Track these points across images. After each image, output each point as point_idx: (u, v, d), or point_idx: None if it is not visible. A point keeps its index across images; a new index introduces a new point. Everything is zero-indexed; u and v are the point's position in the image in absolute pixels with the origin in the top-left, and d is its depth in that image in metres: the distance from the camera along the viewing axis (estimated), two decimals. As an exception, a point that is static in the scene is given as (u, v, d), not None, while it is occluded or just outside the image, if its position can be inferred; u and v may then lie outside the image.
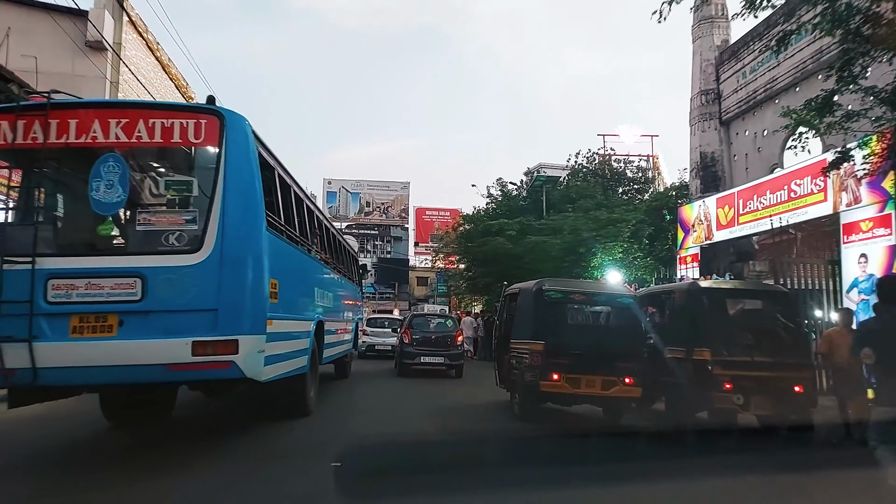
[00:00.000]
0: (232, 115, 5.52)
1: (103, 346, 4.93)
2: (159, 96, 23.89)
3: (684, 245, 18.86)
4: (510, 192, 28.68)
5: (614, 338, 8.61)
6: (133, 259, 5.22)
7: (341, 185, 68.73)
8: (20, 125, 5.23)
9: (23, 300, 4.83)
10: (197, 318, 5.06)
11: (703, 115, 18.95)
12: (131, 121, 5.31)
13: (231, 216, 5.22)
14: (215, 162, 5.31)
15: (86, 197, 5.20)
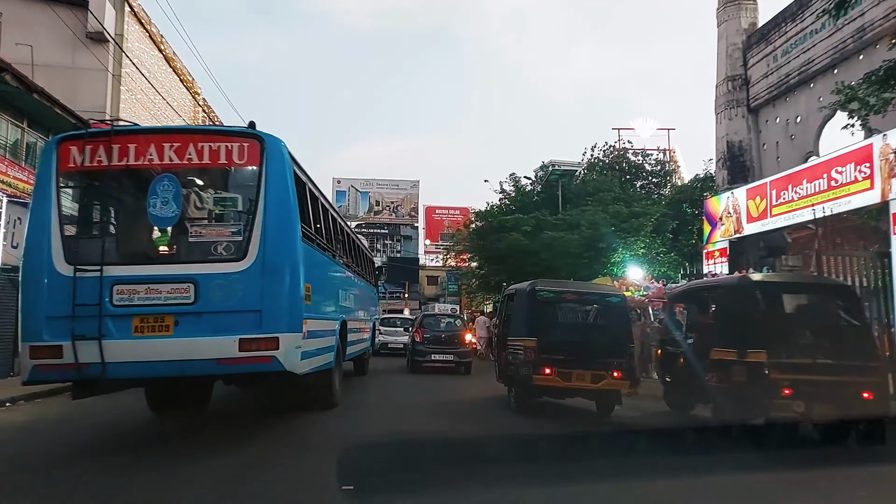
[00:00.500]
0: (271, 139, 6.19)
1: (161, 343, 5.64)
2: (164, 91, 23.16)
3: (711, 239, 17.84)
4: (524, 188, 27.72)
5: (603, 335, 9.01)
6: (186, 267, 5.89)
7: (351, 184, 67.96)
8: (87, 149, 5.96)
9: (93, 304, 5.57)
10: (243, 318, 5.77)
11: (730, 103, 17.92)
12: (183, 145, 6.06)
13: (271, 228, 5.92)
14: (256, 180, 6.02)
15: (144, 212, 5.94)
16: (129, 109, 20.87)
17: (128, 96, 20.74)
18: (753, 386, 7.21)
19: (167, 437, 6.78)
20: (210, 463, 5.42)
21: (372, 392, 11.33)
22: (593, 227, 19.88)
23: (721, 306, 8.40)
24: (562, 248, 19.70)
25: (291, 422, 7.78)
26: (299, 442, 6.64)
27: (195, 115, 27.43)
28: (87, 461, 5.55)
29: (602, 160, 26.92)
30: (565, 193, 24.50)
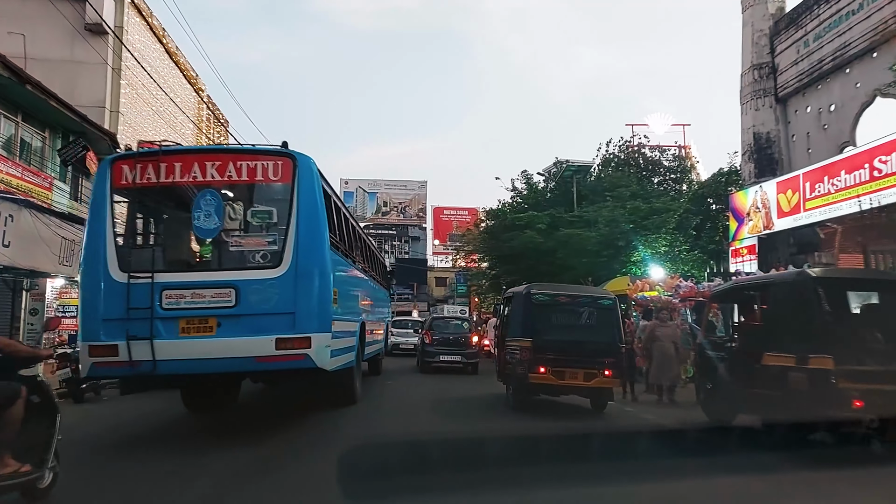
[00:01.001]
0: (302, 157, 6.80)
1: (205, 342, 6.22)
2: (166, 86, 22.43)
3: (738, 235, 16.87)
4: (536, 185, 26.80)
5: (595, 335, 9.37)
6: (228, 273, 6.50)
7: (358, 185, 67.18)
8: (138, 168, 6.60)
9: (144, 307, 6.17)
10: (278, 319, 6.33)
11: (756, 93, 16.96)
12: (223, 163, 6.69)
13: (303, 238, 6.51)
14: (289, 195, 6.61)
15: (189, 224, 6.61)
16: (129, 104, 20.14)
17: (128, 90, 20.00)
18: (817, 396, 6.31)
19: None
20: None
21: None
22: (611, 224, 18.96)
23: (774, 305, 7.48)
24: (579, 246, 18.80)
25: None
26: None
27: (199, 112, 26.71)
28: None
29: (618, 156, 25.95)
30: (580, 191, 23.57)
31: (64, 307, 18.07)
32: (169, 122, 23.44)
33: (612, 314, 9.64)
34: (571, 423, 8.89)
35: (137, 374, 6.40)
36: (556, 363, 8.90)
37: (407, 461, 5.42)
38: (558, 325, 9.47)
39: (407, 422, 8.41)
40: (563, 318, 9.60)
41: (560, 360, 8.94)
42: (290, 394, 10.11)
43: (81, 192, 18.38)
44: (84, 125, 16.76)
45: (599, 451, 6.59)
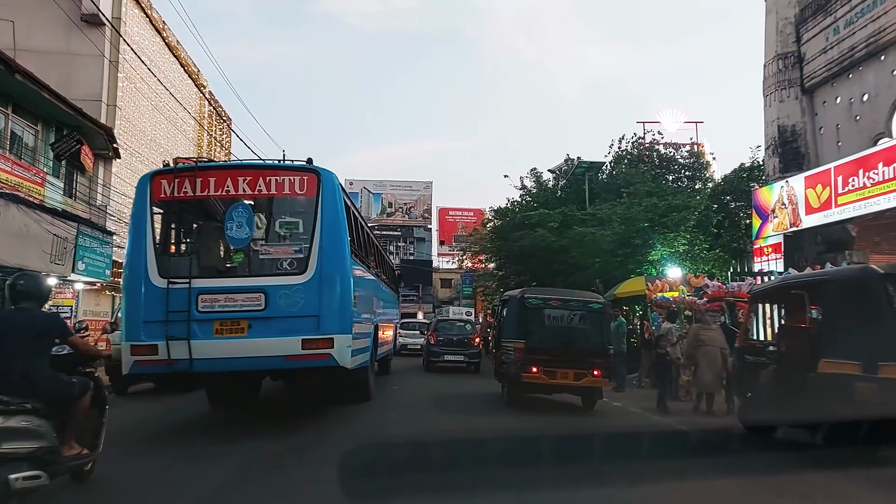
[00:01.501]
0: (325, 173, 7.32)
1: (237, 343, 6.73)
2: (166, 81, 21.68)
3: (761, 234, 16.01)
4: (546, 183, 25.97)
5: (585, 337, 9.80)
6: (258, 279, 6.98)
7: (363, 185, 66.38)
8: (176, 182, 7.09)
9: (182, 310, 6.66)
10: (304, 322, 6.80)
11: (781, 83, 16.10)
12: (254, 178, 7.21)
13: (326, 247, 7.00)
14: (314, 207, 7.12)
15: (223, 234, 7.21)
16: (127, 98, 19.42)
17: (126, 84, 19.28)
18: (890, 409, 5.48)
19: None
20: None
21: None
22: (627, 222, 18.11)
23: (831, 306, 6.65)
24: (592, 244, 17.97)
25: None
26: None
27: (201, 109, 26.03)
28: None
29: (631, 152, 25.10)
30: (592, 188, 22.74)
31: (58, 308, 17.37)
32: (169, 117, 22.74)
33: (601, 317, 10.20)
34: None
35: (175, 372, 6.93)
36: (547, 363, 9.41)
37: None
38: (550, 328, 9.89)
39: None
40: (555, 320, 10.01)
41: (551, 360, 9.44)
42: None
43: (76, 189, 17.67)
44: (79, 119, 16.02)
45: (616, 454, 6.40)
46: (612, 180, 22.91)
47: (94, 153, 17.58)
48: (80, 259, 16.08)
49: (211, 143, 27.37)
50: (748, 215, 17.14)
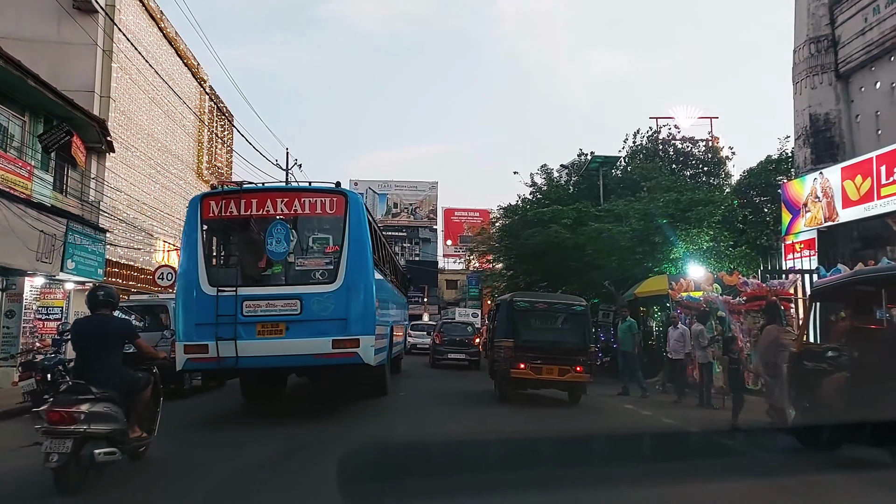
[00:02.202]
0: (352, 195, 8.81)
1: (276, 342, 7.90)
2: (164, 73, 20.80)
3: (792, 229, 14.94)
4: (557, 180, 24.93)
5: (568, 337, 10.77)
6: (294, 288, 8.18)
7: (368, 186, 65.48)
8: (222, 203, 8.51)
9: (229, 314, 7.84)
10: (334, 324, 7.98)
11: (813, 69, 15.04)
12: (290, 199, 8.61)
13: (352, 260, 8.21)
14: (342, 225, 8.37)
15: (264, 248, 8.38)
16: (122, 90, 18.48)
17: (121, 75, 18.33)
18: None
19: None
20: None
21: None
22: (646, 218, 17.06)
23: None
24: (610, 241, 16.93)
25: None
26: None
27: (201, 104, 25.09)
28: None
29: (646, 146, 24.02)
30: (606, 184, 21.69)
31: (47, 309, 16.42)
32: (167, 112, 21.80)
33: (584, 318, 11.19)
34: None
35: (222, 368, 8.04)
36: (534, 360, 10.33)
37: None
38: (537, 328, 10.93)
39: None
40: (541, 321, 11.07)
41: (538, 357, 10.36)
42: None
43: (67, 184, 16.75)
44: (69, 109, 15.05)
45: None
46: (628, 175, 21.87)
47: (87, 146, 16.64)
48: (70, 257, 15.12)
49: (212, 140, 26.42)
50: (775, 210, 16.07)
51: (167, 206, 21.52)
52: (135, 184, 19.17)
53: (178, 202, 22.74)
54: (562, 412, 10.19)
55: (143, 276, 19.13)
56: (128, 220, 18.38)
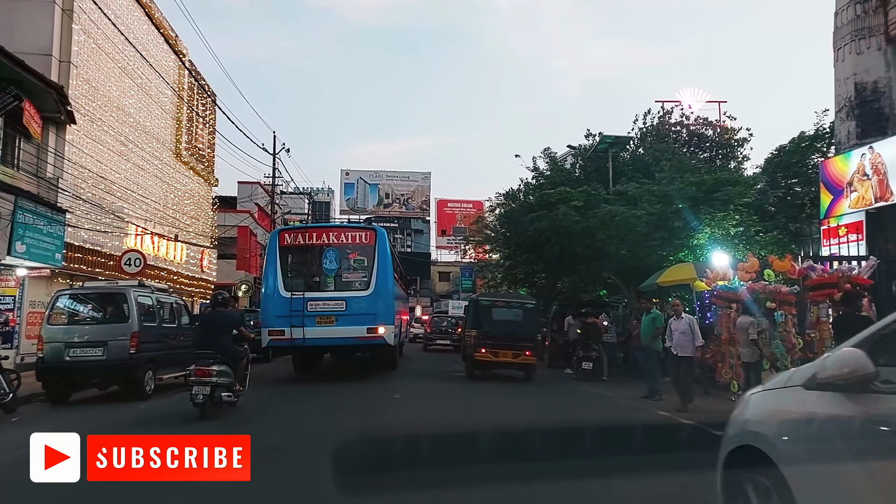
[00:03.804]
0: (379, 229, 13.04)
1: (329, 328, 11.82)
2: (137, 42, 18.65)
3: (833, 212, 13.18)
4: (562, 163, 23.05)
5: (521, 328, 13.38)
6: (341, 293, 12.21)
7: (359, 176, 63.38)
8: (293, 235, 13.08)
9: (298, 311, 11.77)
10: (367, 317, 11.94)
11: (859, 32, 13.23)
12: (338, 233, 13.08)
13: (379, 275, 12.27)
14: (372, 250, 12.45)
15: (321, 266, 12.55)
16: (86, 56, 16.33)
17: (84, 38, 16.16)
18: None
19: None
20: None
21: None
22: (665, 200, 15.23)
23: None
24: (625, 226, 15.09)
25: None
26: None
27: (180, 79, 22.95)
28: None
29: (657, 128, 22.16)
30: (615, 167, 19.85)
31: (0, 297, 14.45)
32: (141, 85, 19.68)
33: (534, 313, 14.12)
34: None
35: (293, 345, 12.23)
36: (492, 346, 12.91)
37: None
38: (496, 321, 13.34)
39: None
40: (499, 316, 13.46)
41: (496, 344, 12.92)
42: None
43: (18, 157, 14.66)
44: (19, 71, 12.99)
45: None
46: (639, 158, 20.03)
47: (43, 116, 14.46)
48: (20, 239, 13.08)
49: (192, 120, 24.30)
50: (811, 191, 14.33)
51: (140, 187, 19.45)
52: (102, 161, 17.08)
53: (154, 183, 20.66)
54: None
55: (112, 264, 17.11)
56: (93, 200, 16.32)
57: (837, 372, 2.54)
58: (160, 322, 11.53)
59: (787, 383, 3.13)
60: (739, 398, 3.88)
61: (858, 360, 2.47)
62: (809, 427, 2.78)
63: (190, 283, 23.90)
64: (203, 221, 25.65)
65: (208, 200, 26.57)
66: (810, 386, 2.79)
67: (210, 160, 26.49)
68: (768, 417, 3.11)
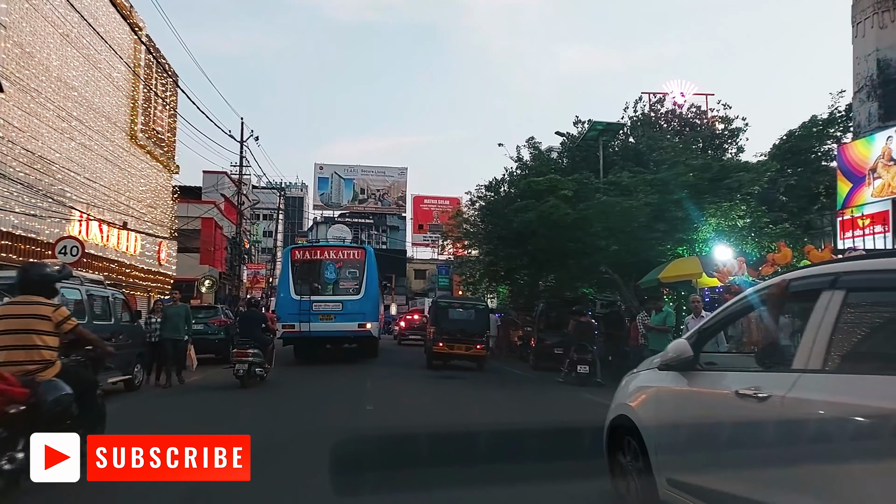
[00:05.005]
0: (368, 248, 17.60)
1: (329, 324, 14.77)
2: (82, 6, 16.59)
3: (853, 201, 11.86)
4: (548, 153, 21.53)
5: (473, 325, 15.26)
6: (339, 297, 15.20)
7: (334, 170, 61.15)
8: (301, 252, 16.47)
9: (306, 310, 14.65)
10: (358, 315, 14.98)
11: (882, 4, 11.91)
12: (336, 250, 17.00)
13: (369, 282, 15.52)
14: (363, 263, 15.70)
15: (323, 275, 15.53)
16: (18, 17, 14.25)
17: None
18: None
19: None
20: None
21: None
22: (665, 189, 13.79)
23: None
24: (624, 216, 13.62)
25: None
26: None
27: (136, 55, 20.85)
28: None
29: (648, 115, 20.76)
30: (606, 156, 18.40)
31: None
32: (88, 56, 17.61)
33: (484, 313, 16.22)
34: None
35: (301, 336, 14.83)
36: (448, 340, 14.80)
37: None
38: (452, 319, 15.32)
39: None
40: (456, 314, 15.52)
41: (451, 339, 14.82)
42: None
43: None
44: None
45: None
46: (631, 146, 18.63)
47: (-39, 81, 12.47)
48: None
49: (151, 100, 22.18)
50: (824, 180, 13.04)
51: (87, 169, 17.37)
52: (38, 138, 15.02)
53: (103, 166, 18.56)
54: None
55: (49, 254, 15.03)
56: (26, 180, 14.28)
57: (671, 356, 3.48)
58: (90, 319, 9.64)
59: (649, 366, 3.94)
60: None
61: (683, 347, 3.45)
62: (657, 398, 3.70)
63: (145, 277, 21.81)
64: (161, 211, 23.53)
65: (168, 188, 24.44)
66: (661, 367, 3.65)
67: (170, 145, 24.35)
68: (633, 392, 3.94)
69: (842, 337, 2.60)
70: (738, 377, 3.10)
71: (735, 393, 2.88)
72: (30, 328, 4.15)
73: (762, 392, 2.70)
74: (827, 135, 14.54)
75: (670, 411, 3.51)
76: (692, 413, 3.37)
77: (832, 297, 2.61)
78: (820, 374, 2.51)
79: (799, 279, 3.10)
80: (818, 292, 2.71)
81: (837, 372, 2.53)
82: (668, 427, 3.47)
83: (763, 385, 2.75)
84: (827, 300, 2.62)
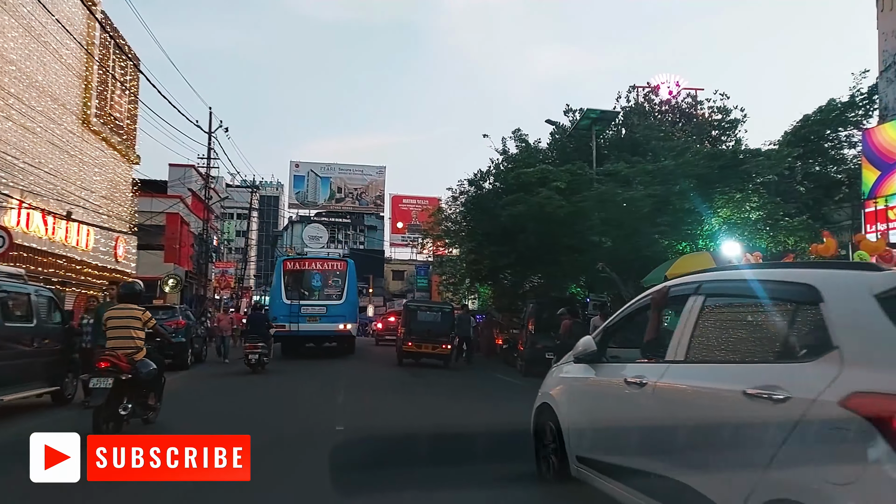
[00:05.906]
0: (350, 260, 19.69)
1: (315, 324, 17.36)
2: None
3: (882, 190, 10.65)
4: (536, 146, 20.16)
5: (440, 326, 16.35)
6: (323, 302, 17.97)
7: (310, 168, 59.20)
8: (292, 263, 19.18)
9: (296, 313, 17.19)
10: (341, 318, 17.74)
11: (911, -26, 10.89)
12: (322, 262, 19.87)
13: (349, 290, 18.34)
14: (345, 274, 18.54)
15: (310, 282, 18.26)
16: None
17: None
18: None
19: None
20: None
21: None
22: (668, 179, 12.50)
23: None
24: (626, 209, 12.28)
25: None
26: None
27: (89, 33, 18.98)
28: None
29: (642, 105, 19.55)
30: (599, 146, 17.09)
31: None
32: (30, 28, 15.76)
33: (450, 315, 17.34)
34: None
35: (291, 334, 16.86)
36: (417, 340, 15.91)
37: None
38: (420, 321, 16.53)
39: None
40: (424, 316, 16.82)
41: (419, 338, 15.91)
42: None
43: None
44: None
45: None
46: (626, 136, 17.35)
47: None
48: None
49: (107, 83, 20.28)
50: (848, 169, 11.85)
51: (27, 153, 15.48)
52: (-34, 115, 13.17)
53: (48, 151, 16.67)
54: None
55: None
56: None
57: (580, 350, 4.02)
58: (1, 320, 7.96)
59: (568, 359, 4.40)
60: None
61: (588, 343, 3.99)
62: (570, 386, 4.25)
63: (100, 275, 19.86)
64: (120, 203, 21.59)
65: (127, 180, 22.48)
66: (575, 360, 4.18)
67: (130, 133, 22.40)
68: (553, 382, 4.55)
69: (700, 334, 3.09)
70: (631, 368, 3.52)
71: (625, 381, 3.42)
72: (128, 325, 6.27)
73: (643, 379, 3.23)
74: (847, 119, 13.43)
75: (578, 397, 4.10)
76: (594, 398, 3.94)
77: (695, 302, 3.16)
78: (682, 364, 3.07)
79: (676, 286, 3.65)
80: (687, 297, 3.24)
81: (694, 362, 3.05)
82: (576, 412, 4.06)
83: (645, 374, 3.26)
84: (692, 304, 3.16)
